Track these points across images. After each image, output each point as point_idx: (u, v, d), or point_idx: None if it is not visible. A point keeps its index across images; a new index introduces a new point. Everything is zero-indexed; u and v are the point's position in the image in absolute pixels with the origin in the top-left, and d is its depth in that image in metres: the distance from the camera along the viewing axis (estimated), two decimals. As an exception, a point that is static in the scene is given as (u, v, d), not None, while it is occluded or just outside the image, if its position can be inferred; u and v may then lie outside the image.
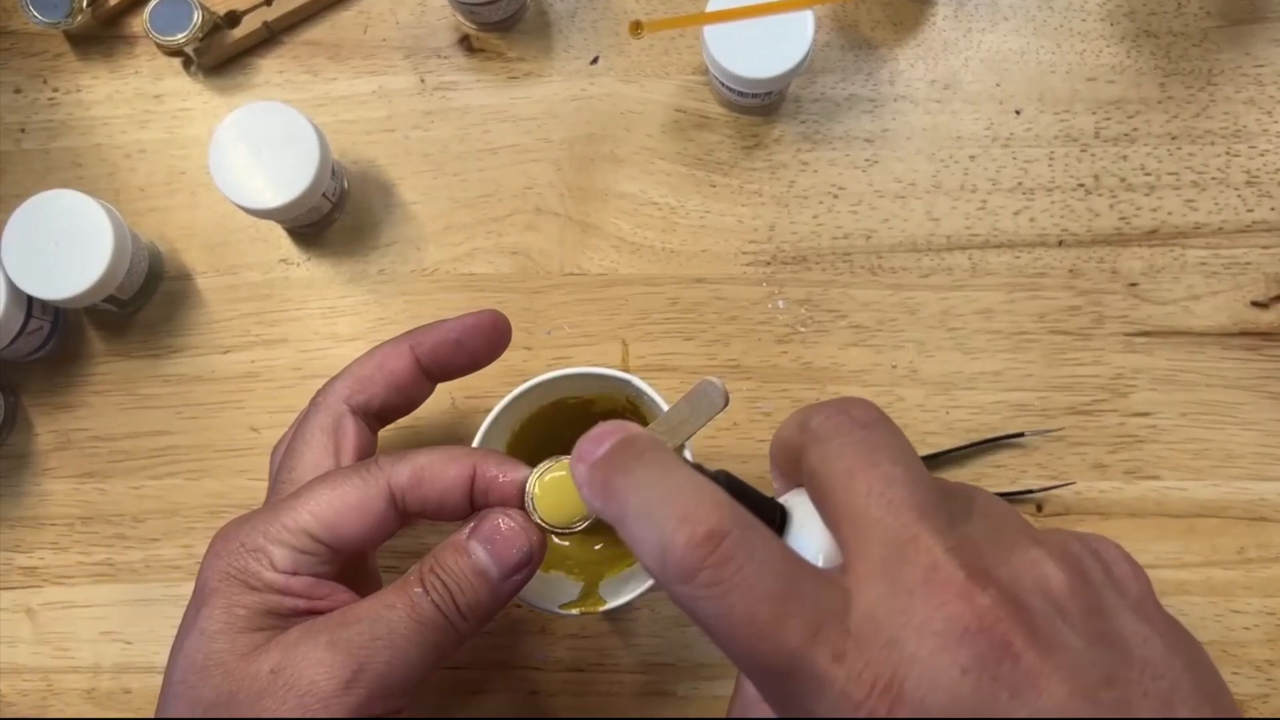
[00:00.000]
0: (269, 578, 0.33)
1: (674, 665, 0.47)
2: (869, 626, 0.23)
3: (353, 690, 0.32)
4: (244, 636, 0.33)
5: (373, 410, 0.39)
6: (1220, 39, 0.51)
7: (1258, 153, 0.50)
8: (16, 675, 0.48)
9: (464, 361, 0.40)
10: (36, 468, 0.50)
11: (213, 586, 0.34)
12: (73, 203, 0.46)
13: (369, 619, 0.33)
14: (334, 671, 0.32)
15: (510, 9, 0.50)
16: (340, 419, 0.38)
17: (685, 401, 0.37)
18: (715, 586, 0.23)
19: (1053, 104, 0.51)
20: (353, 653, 0.32)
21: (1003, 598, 0.22)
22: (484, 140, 0.51)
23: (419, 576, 0.34)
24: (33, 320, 0.47)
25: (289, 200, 0.45)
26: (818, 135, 0.51)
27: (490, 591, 0.34)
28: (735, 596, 0.23)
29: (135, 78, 0.52)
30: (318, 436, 0.38)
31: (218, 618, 0.33)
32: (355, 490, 0.34)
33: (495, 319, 0.40)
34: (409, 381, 0.39)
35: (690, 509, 0.24)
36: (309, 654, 0.32)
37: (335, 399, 0.38)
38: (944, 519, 0.24)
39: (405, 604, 0.33)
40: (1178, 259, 0.49)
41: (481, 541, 0.34)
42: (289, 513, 0.34)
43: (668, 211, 0.50)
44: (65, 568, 0.49)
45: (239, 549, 0.34)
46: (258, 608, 0.33)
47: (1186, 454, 0.48)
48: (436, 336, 0.39)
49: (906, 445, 0.26)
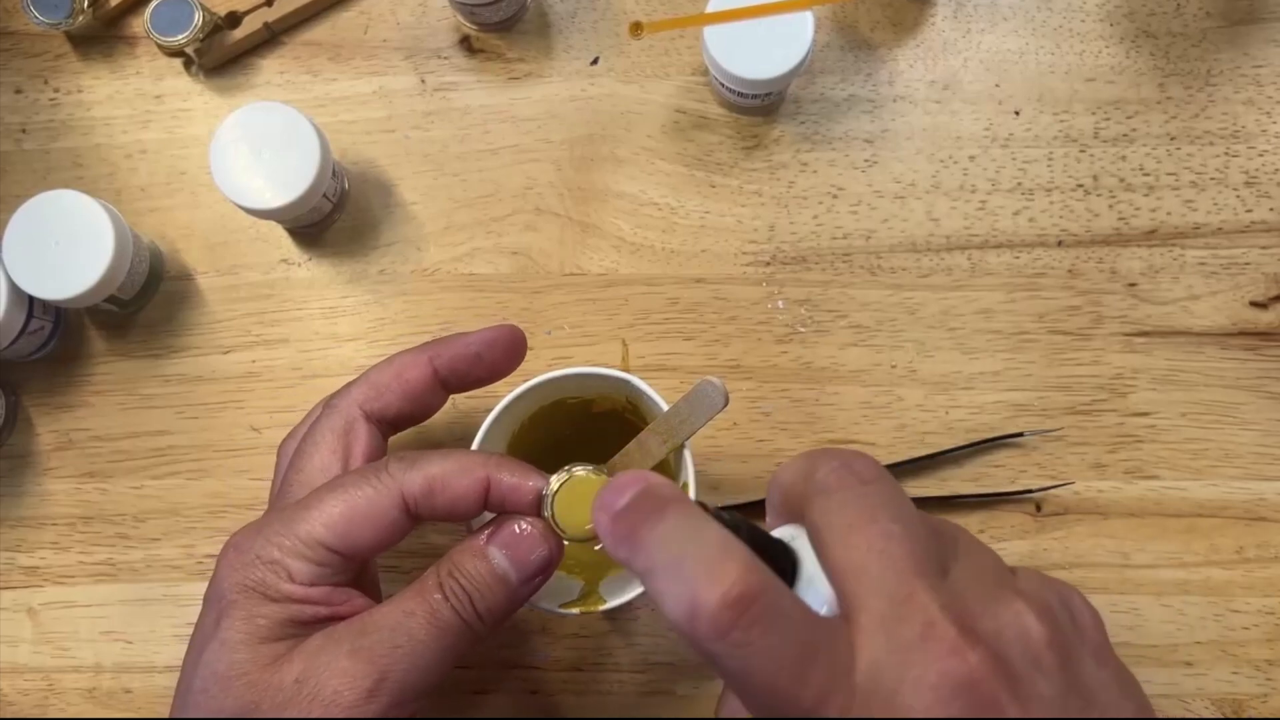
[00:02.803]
0: (288, 589, 0.34)
1: (674, 664, 0.47)
2: (871, 682, 0.25)
3: (376, 698, 0.32)
4: (266, 646, 0.33)
5: (387, 418, 0.39)
6: (1219, 39, 0.51)
7: (1256, 153, 0.50)
8: (17, 675, 0.48)
9: (481, 374, 0.40)
10: (38, 468, 0.50)
11: (231, 599, 0.34)
12: (74, 203, 0.46)
13: (389, 627, 0.33)
14: (357, 681, 0.32)
15: (510, 10, 0.51)
16: (352, 423, 0.38)
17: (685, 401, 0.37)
18: (743, 647, 0.24)
19: (1052, 104, 0.51)
20: (375, 661, 0.32)
21: (989, 655, 0.25)
22: (484, 140, 0.51)
23: (437, 582, 0.34)
24: (34, 320, 0.47)
25: (290, 200, 0.45)
26: (817, 136, 0.51)
27: (508, 596, 0.34)
28: (760, 659, 0.25)
29: (136, 78, 0.52)
30: (328, 439, 0.38)
31: (239, 628, 0.33)
32: (366, 499, 0.34)
33: (513, 333, 0.40)
34: (424, 392, 0.39)
35: (722, 569, 0.25)
36: (332, 663, 0.32)
37: (350, 403, 0.39)
38: (936, 572, 0.26)
39: (425, 611, 0.33)
40: (1177, 259, 0.49)
41: (500, 547, 0.35)
42: (302, 523, 0.34)
43: (668, 212, 0.50)
44: (66, 567, 0.49)
45: (255, 561, 0.34)
46: (279, 617, 0.33)
47: (1186, 454, 0.48)
48: (456, 349, 0.40)
49: (905, 501, 0.28)
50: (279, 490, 0.38)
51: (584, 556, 0.44)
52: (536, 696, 0.47)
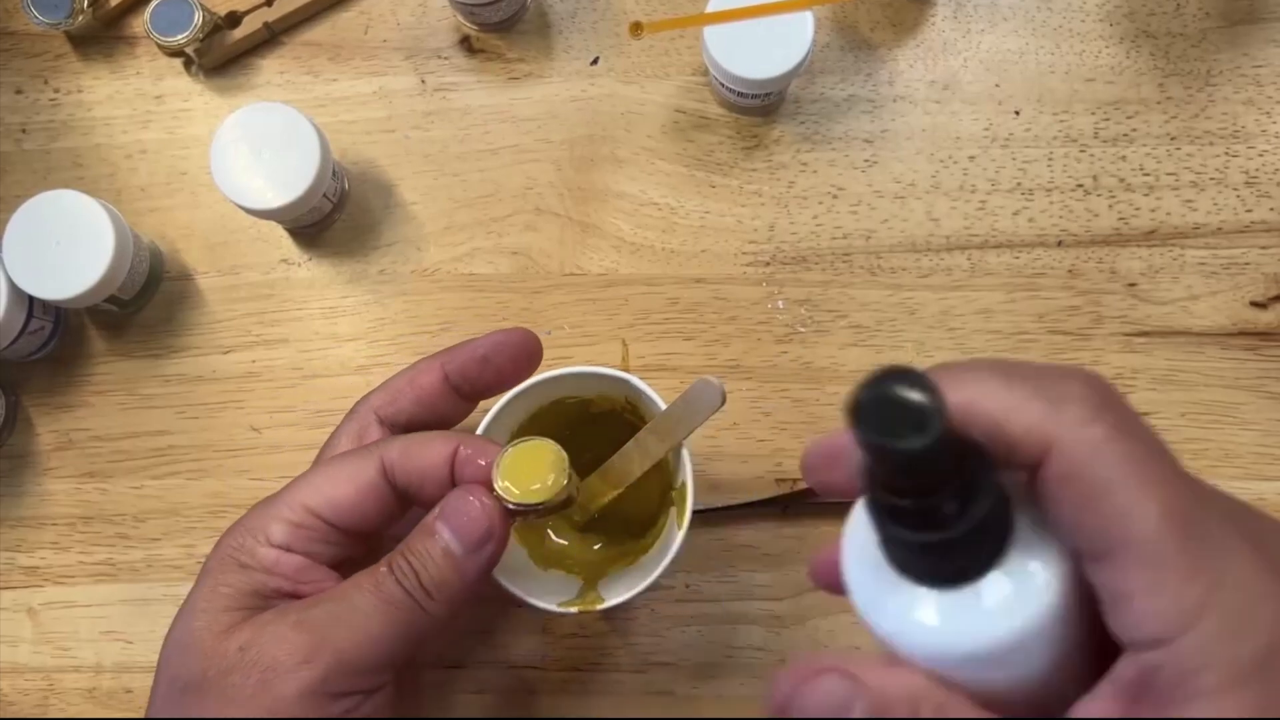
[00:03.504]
0: (261, 554, 0.35)
1: (673, 665, 0.47)
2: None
3: (311, 665, 0.32)
4: (224, 615, 0.34)
5: (400, 422, 0.40)
6: (1219, 39, 0.51)
7: (1256, 153, 0.50)
8: (18, 675, 0.48)
9: (490, 378, 0.40)
10: (37, 468, 0.50)
11: (209, 567, 0.35)
12: (74, 203, 0.46)
13: (334, 599, 0.34)
14: (296, 650, 0.32)
15: (510, 10, 0.51)
16: (367, 427, 0.39)
17: (682, 401, 0.37)
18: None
19: (1052, 104, 0.51)
20: (314, 630, 0.33)
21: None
22: (484, 141, 0.51)
23: (388, 559, 0.35)
24: (34, 320, 0.47)
25: (290, 201, 0.45)
26: (817, 136, 0.51)
27: (455, 568, 0.35)
28: None
29: (136, 78, 0.52)
30: (344, 443, 0.39)
31: (204, 596, 0.34)
32: (350, 464, 0.36)
33: (524, 336, 0.40)
34: (437, 397, 0.40)
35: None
36: (275, 632, 0.33)
37: (367, 408, 0.40)
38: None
39: (370, 583, 0.34)
40: (1177, 259, 0.49)
41: (444, 520, 0.35)
42: (291, 492, 0.36)
43: (668, 212, 0.50)
44: (66, 567, 0.49)
45: (239, 529, 0.35)
46: (243, 587, 0.34)
47: (1185, 454, 0.48)
48: (465, 353, 0.40)
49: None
50: None
51: (583, 555, 0.44)
52: (535, 696, 0.47)
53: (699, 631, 0.47)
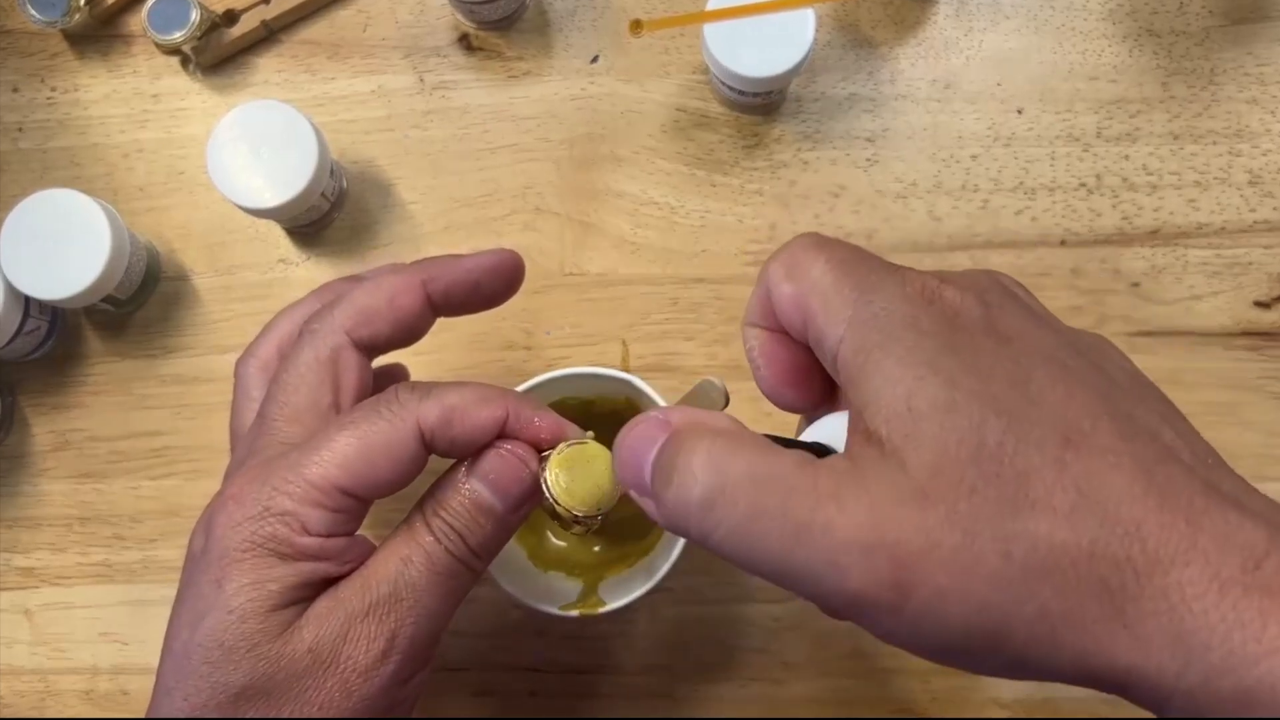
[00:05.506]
0: (304, 544, 0.31)
1: (673, 666, 0.47)
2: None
3: (390, 658, 0.31)
4: (276, 615, 0.31)
5: (376, 346, 0.36)
6: (1222, 38, 0.51)
7: (1260, 152, 0.50)
8: (14, 676, 0.48)
9: (478, 303, 0.38)
10: (34, 468, 0.49)
11: (235, 558, 0.31)
12: (70, 202, 0.46)
13: (390, 579, 0.32)
14: (370, 644, 0.31)
15: (510, 8, 0.50)
16: (339, 351, 0.35)
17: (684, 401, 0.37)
18: None
19: (1054, 103, 0.50)
20: (383, 620, 0.31)
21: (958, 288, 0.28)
22: (483, 140, 0.51)
23: (425, 523, 0.33)
24: (30, 320, 0.47)
25: (288, 200, 0.45)
26: (818, 134, 0.50)
27: (498, 527, 0.33)
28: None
29: (133, 77, 0.52)
30: (314, 369, 0.34)
31: (248, 594, 0.31)
32: (382, 433, 0.32)
33: (514, 260, 0.38)
34: (415, 318, 0.37)
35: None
36: (342, 628, 0.31)
37: (334, 328, 0.35)
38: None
39: (421, 557, 0.32)
40: (1180, 259, 0.49)
41: (483, 478, 0.33)
42: (314, 465, 0.31)
43: (668, 211, 0.50)
44: (63, 568, 0.49)
45: (263, 515, 0.31)
46: (291, 581, 0.31)
47: (1189, 455, 0.48)
48: (455, 275, 0.37)
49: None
50: (259, 426, 0.34)
51: (584, 558, 0.44)
52: (536, 698, 0.47)
53: (699, 634, 0.47)
